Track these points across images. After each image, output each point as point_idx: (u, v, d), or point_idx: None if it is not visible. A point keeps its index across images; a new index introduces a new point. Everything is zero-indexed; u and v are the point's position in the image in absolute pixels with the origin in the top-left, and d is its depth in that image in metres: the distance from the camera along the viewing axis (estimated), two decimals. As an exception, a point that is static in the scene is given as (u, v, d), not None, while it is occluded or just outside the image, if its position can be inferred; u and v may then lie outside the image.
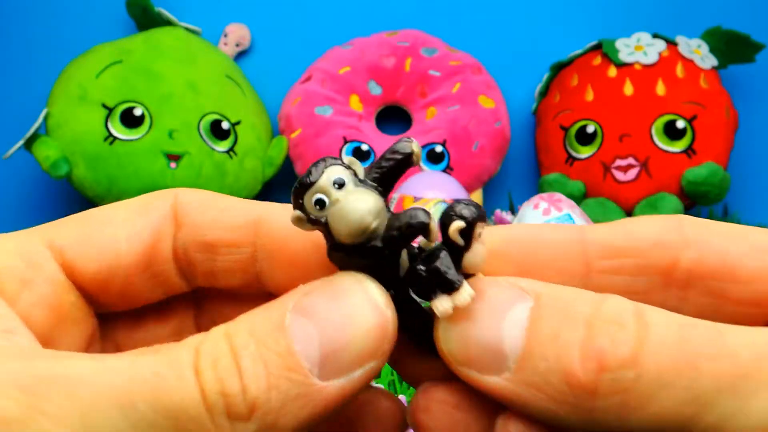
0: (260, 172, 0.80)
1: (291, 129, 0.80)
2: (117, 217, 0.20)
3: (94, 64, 0.75)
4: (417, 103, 0.84)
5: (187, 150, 0.74)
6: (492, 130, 0.81)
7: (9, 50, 0.85)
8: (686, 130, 0.76)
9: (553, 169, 0.84)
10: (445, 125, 0.80)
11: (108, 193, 0.72)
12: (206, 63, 0.79)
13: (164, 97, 0.74)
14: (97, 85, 0.73)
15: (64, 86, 0.74)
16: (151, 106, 0.74)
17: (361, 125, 0.81)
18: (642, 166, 0.77)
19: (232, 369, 0.14)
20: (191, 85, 0.76)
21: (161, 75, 0.75)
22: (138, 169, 0.72)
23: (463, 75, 0.82)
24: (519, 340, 0.15)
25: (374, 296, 0.16)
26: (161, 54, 0.77)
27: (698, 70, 0.78)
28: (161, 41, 0.78)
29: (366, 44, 0.83)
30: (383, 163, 0.17)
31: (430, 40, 0.84)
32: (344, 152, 0.79)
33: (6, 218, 0.83)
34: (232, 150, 0.77)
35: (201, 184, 0.74)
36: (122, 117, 0.72)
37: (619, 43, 0.81)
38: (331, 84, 0.81)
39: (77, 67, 0.75)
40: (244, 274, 0.19)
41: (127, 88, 0.74)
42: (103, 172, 0.72)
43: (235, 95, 0.79)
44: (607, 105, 0.79)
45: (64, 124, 0.72)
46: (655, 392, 0.14)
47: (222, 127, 0.76)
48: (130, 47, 0.77)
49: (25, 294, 0.17)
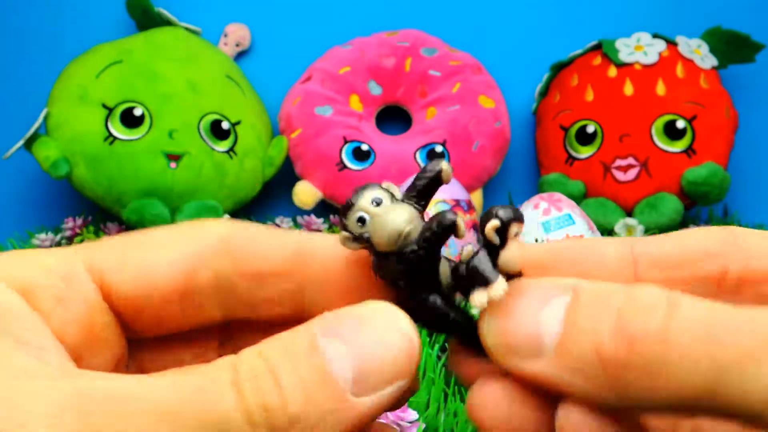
0: (260, 172, 0.80)
1: (291, 129, 0.80)
2: (160, 242, 0.20)
3: (94, 64, 0.74)
4: (417, 103, 0.84)
5: (187, 150, 0.73)
6: (492, 130, 0.81)
7: (9, 50, 0.85)
8: (686, 130, 0.76)
9: (553, 169, 0.84)
10: (445, 125, 0.80)
11: (108, 193, 0.71)
12: (206, 63, 0.79)
13: (164, 97, 0.74)
14: (97, 85, 0.73)
15: (64, 86, 0.74)
16: (151, 106, 0.73)
17: (361, 125, 0.81)
18: (642, 166, 0.77)
19: (271, 384, 0.15)
20: (191, 85, 0.76)
21: (161, 75, 0.75)
22: (138, 169, 0.71)
23: (463, 75, 0.82)
24: (556, 327, 0.16)
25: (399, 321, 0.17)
26: (161, 54, 0.76)
27: (698, 70, 0.78)
28: (161, 41, 0.78)
29: (366, 44, 0.83)
30: (417, 182, 0.19)
31: (430, 40, 0.84)
32: (344, 152, 0.79)
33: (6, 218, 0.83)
34: (232, 150, 0.77)
35: (201, 184, 0.74)
36: (122, 117, 0.72)
37: (619, 43, 0.81)
38: (331, 84, 0.81)
39: (77, 67, 0.75)
40: (291, 303, 0.20)
41: (127, 88, 0.73)
42: (104, 173, 0.71)
43: (235, 95, 0.79)
44: (607, 105, 0.79)
45: (64, 124, 0.71)
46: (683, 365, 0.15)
47: (222, 127, 0.76)
48: (130, 47, 0.76)
49: (59, 310, 0.17)
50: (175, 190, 0.73)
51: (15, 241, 0.74)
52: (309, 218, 0.73)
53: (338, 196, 0.79)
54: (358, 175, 0.78)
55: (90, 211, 0.80)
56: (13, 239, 0.74)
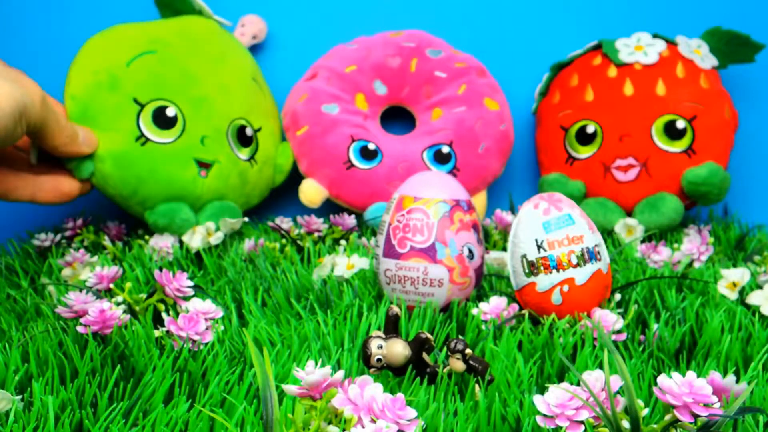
0: (272, 179, 0.79)
1: (297, 126, 0.79)
2: None
3: (123, 49, 0.69)
4: (422, 103, 0.84)
5: (217, 158, 0.72)
6: (497, 133, 0.81)
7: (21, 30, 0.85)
8: (686, 130, 0.76)
9: (553, 169, 0.84)
10: (452, 126, 0.80)
11: (134, 194, 0.69)
12: (235, 64, 0.76)
13: (198, 100, 0.71)
14: (128, 76, 0.68)
15: (90, 69, 0.68)
16: (185, 107, 0.70)
17: (367, 124, 0.81)
18: (642, 166, 0.77)
19: None
20: (223, 88, 0.73)
21: (195, 75, 0.71)
22: (170, 174, 0.69)
23: (468, 77, 0.82)
24: None
25: None
26: (196, 50, 0.73)
27: (698, 70, 0.78)
28: (196, 35, 0.74)
29: (372, 43, 0.83)
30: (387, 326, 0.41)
31: (435, 42, 0.84)
32: (352, 151, 0.78)
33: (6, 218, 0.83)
34: (253, 158, 0.75)
35: (226, 192, 0.73)
36: (155, 116, 0.68)
37: (619, 43, 0.81)
38: (337, 82, 0.81)
39: (103, 49, 0.69)
40: None
41: (160, 85, 0.69)
42: (132, 173, 0.68)
43: (259, 100, 0.77)
44: (607, 105, 0.79)
45: (92, 115, 0.67)
46: None
47: (246, 133, 0.74)
48: (163, 37, 0.71)
49: None
50: (204, 197, 0.72)
51: (15, 241, 0.74)
52: (309, 218, 0.73)
53: (345, 195, 0.79)
54: (366, 174, 0.78)
55: (90, 211, 0.80)
56: (13, 239, 0.74)
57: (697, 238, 0.72)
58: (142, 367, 0.41)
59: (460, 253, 0.52)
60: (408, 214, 0.52)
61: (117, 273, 0.52)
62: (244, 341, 0.46)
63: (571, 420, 0.33)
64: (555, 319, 0.48)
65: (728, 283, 0.55)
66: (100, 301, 0.47)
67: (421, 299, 0.52)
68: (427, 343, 0.40)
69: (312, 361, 0.33)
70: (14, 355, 0.41)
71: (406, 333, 0.48)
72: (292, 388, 0.32)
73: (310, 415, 0.32)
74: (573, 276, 0.48)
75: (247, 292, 0.56)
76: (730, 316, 0.51)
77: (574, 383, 0.39)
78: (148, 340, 0.44)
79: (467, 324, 0.50)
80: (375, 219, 0.77)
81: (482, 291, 0.57)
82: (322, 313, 0.51)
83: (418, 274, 0.51)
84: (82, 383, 0.38)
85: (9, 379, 0.39)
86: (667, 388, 0.32)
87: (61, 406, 0.36)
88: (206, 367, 0.42)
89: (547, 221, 0.49)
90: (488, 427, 0.36)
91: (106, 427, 0.34)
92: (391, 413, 0.31)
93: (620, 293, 0.54)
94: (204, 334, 0.45)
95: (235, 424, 0.35)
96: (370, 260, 0.61)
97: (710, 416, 0.32)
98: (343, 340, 0.46)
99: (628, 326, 0.50)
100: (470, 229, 0.53)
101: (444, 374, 0.40)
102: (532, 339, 0.47)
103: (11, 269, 0.66)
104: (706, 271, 0.63)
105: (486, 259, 0.61)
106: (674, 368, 0.45)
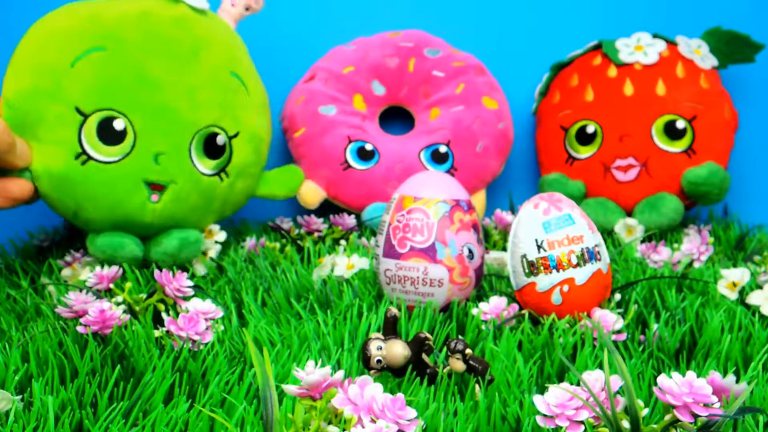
0: (253, 190, 0.69)
1: (294, 128, 0.80)
2: None
3: (69, 44, 0.57)
4: (420, 103, 0.84)
5: (173, 179, 0.60)
6: (496, 131, 0.81)
7: None
8: (686, 130, 0.76)
9: (553, 169, 0.84)
10: (449, 125, 0.80)
11: (74, 217, 0.59)
12: (209, 59, 0.63)
13: (155, 110, 0.59)
14: (72, 79, 0.57)
15: (31, 70, 0.57)
16: (137, 118, 0.58)
17: (365, 125, 0.81)
18: (642, 166, 0.77)
19: None
20: (189, 92, 0.61)
21: (154, 80, 0.59)
22: (113, 201, 0.58)
23: (467, 76, 0.82)
24: None
25: None
26: (159, 48, 0.60)
27: (698, 70, 0.78)
28: (158, 28, 0.60)
29: (369, 44, 0.83)
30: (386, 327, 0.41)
31: (434, 41, 0.84)
32: (349, 151, 0.79)
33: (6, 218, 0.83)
34: (224, 171, 0.64)
35: (184, 217, 0.63)
36: (100, 129, 0.57)
37: (619, 43, 0.81)
38: (334, 83, 0.81)
39: (46, 42, 0.58)
40: None
41: (108, 91, 0.58)
42: (71, 195, 0.58)
43: (238, 99, 0.65)
44: (607, 105, 0.79)
45: (30, 124, 0.57)
46: None
47: (217, 142, 0.63)
48: (117, 28, 0.59)
49: None
50: (155, 225, 0.61)
51: (15, 241, 0.74)
52: (309, 218, 0.73)
53: (342, 196, 0.79)
54: (363, 175, 0.78)
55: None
56: (13, 239, 0.74)
57: (697, 238, 0.72)
58: (142, 367, 0.41)
59: (460, 253, 0.52)
60: (408, 214, 0.52)
61: (117, 273, 0.52)
62: (244, 341, 0.46)
63: (571, 420, 0.33)
64: (555, 319, 0.48)
65: (728, 283, 0.55)
66: (100, 301, 0.47)
67: (421, 299, 0.52)
68: (426, 343, 0.40)
69: (312, 361, 0.33)
70: (14, 355, 0.41)
71: (405, 333, 0.48)
72: (292, 388, 0.32)
73: (310, 415, 0.32)
74: (573, 276, 0.48)
75: (247, 292, 0.56)
76: (730, 316, 0.51)
77: (574, 383, 0.39)
78: (148, 340, 0.44)
79: (467, 324, 0.50)
80: (372, 219, 0.77)
81: (482, 291, 0.57)
82: (322, 313, 0.51)
83: (418, 274, 0.51)
84: (82, 383, 0.38)
85: (9, 379, 0.39)
86: (667, 388, 0.32)
87: (61, 406, 0.36)
88: (206, 367, 0.42)
89: (547, 221, 0.49)
90: (488, 427, 0.36)
91: (106, 427, 0.34)
92: (391, 413, 0.31)
93: (620, 293, 0.54)
94: (204, 334, 0.45)
95: (235, 424, 0.35)
96: (370, 260, 0.61)
97: (710, 416, 0.32)
98: (343, 340, 0.46)
99: (628, 326, 0.50)
100: (470, 229, 0.53)
101: (444, 374, 0.40)
102: (532, 339, 0.47)
103: (11, 269, 0.66)
104: (706, 271, 0.63)
105: (486, 259, 0.61)
106: (674, 368, 0.45)
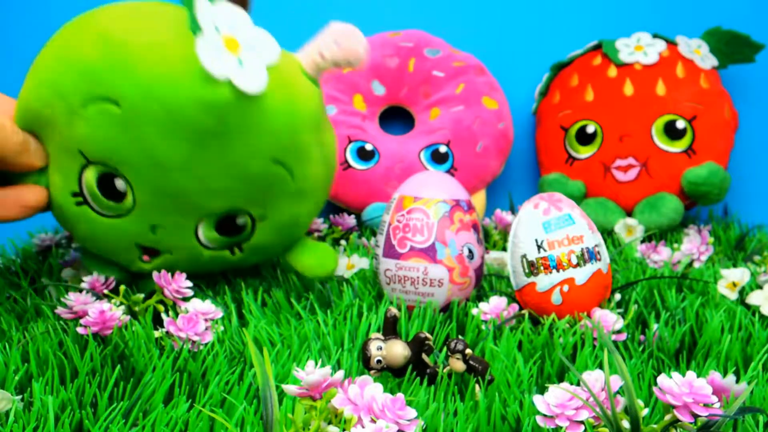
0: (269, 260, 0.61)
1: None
2: None
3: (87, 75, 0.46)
4: (420, 103, 0.84)
5: (169, 250, 0.53)
6: (496, 131, 0.81)
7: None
8: (686, 130, 0.76)
9: (553, 169, 0.84)
10: (449, 125, 0.80)
11: (74, 238, 0.54)
12: (241, 148, 0.47)
13: (161, 190, 0.48)
14: (81, 120, 0.46)
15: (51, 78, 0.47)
16: (139, 191, 0.48)
17: (365, 125, 0.81)
18: (642, 166, 0.77)
19: None
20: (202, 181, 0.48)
21: (166, 165, 0.47)
22: (103, 247, 0.52)
23: (467, 76, 0.82)
24: None
25: None
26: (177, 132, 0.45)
27: (698, 70, 0.78)
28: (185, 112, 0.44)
29: (369, 44, 0.83)
30: (386, 326, 0.41)
31: (434, 41, 0.84)
32: (349, 151, 0.79)
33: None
34: (238, 246, 0.55)
35: None
36: (100, 180, 0.49)
37: (619, 43, 0.81)
38: (335, 83, 0.81)
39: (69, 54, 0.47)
40: None
41: (115, 153, 0.47)
42: (65, 224, 0.53)
43: (276, 186, 0.51)
44: (607, 105, 0.79)
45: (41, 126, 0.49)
46: None
47: (236, 222, 0.53)
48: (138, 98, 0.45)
49: None
50: (145, 273, 0.54)
51: (15, 241, 0.74)
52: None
53: (342, 196, 0.79)
54: (363, 175, 0.78)
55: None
56: (13, 239, 0.74)
57: (697, 238, 0.72)
58: (142, 367, 0.41)
59: (460, 253, 0.52)
60: (408, 214, 0.52)
61: (110, 282, 0.52)
62: (244, 341, 0.46)
63: (571, 420, 0.33)
64: (555, 319, 0.48)
65: (728, 283, 0.55)
66: (100, 302, 0.47)
67: (421, 299, 0.52)
68: (426, 343, 0.40)
69: (312, 361, 0.33)
70: (14, 355, 0.41)
71: (405, 333, 0.48)
72: (292, 388, 0.32)
73: (310, 415, 0.32)
74: (573, 276, 0.48)
75: (247, 292, 0.56)
76: (730, 316, 0.51)
77: (574, 383, 0.39)
78: (148, 341, 0.44)
79: (467, 324, 0.50)
80: (372, 219, 0.77)
81: (482, 291, 0.57)
82: (322, 313, 0.51)
83: (418, 274, 0.51)
84: (82, 383, 0.38)
85: (9, 379, 0.39)
86: (667, 388, 0.32)
87: (61, 406, 0.36)
88: (206, 367, 0.42)
89: (547, 221, 0.49)
90: (488, 427, 0.36)
91: (106, 427, 0.34)
92: (391, 413, 0.31)
93: (620, 293, 0.54)
94: (204, 335, 0.45)
95: (235, 424, 0.35)
96: (370, 260, 0.61)
97: (710, 416, 0.32)
98: (343, 340, 0.46)
99: (628, 326, 0.50)
100: (470, 229, 0.53)
101: (444, 374, 0.40)
102: (532, 339, 0.47)
103: (11, 269, 0.66)
104: (706, 271, 0.63)
105: (486, 259, 0.61)
106: (674, 368, 0.45)
